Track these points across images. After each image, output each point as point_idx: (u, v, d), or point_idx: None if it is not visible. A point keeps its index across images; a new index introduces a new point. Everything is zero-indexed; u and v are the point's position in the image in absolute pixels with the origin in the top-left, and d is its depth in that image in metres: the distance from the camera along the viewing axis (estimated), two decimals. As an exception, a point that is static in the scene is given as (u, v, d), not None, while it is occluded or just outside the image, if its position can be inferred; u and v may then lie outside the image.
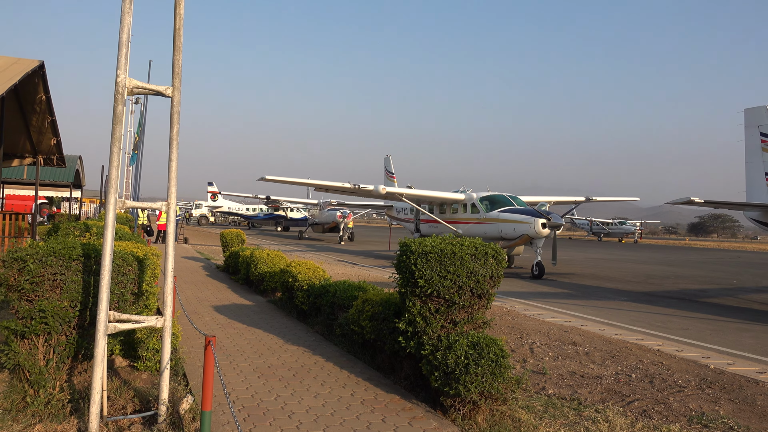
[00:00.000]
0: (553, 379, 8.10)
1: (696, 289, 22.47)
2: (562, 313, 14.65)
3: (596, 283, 23.38)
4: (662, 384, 8.00)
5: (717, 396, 7.54)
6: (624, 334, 11.86)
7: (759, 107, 18.84)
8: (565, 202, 33.67)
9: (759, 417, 6.78)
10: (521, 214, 24.49)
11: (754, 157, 18.81)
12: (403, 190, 28.85)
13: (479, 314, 6.80)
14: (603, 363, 9.07)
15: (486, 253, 6.66)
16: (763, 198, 18.17)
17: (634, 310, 16.00)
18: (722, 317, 15.37)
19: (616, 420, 6.37)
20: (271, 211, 68.89)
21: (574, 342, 10.50)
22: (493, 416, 6.13)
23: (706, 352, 10.61)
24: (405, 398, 6.74)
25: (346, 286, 10.28)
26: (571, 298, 18.20)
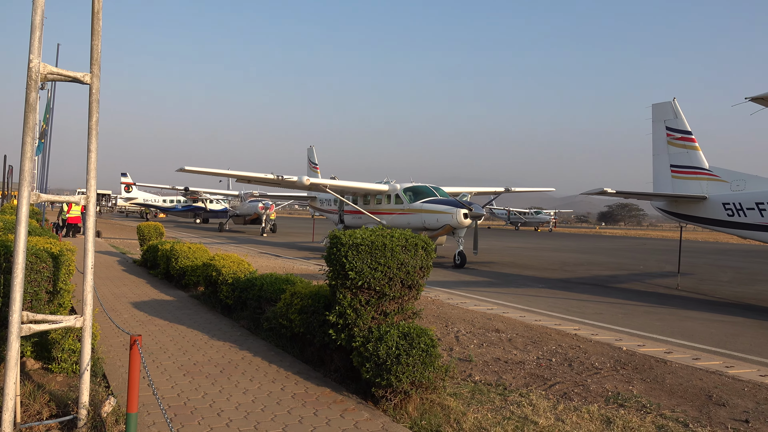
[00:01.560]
0: (479, 365, 8.32)
1: (607, 275, 23.67)
2: (484, 301, 15.06)
3: (515, 271, 24.17)
4: (580, 367, 8.38)
5: (630, 376, 7.98)
6: (543, 320, 12.33)
7: (665, 103, 19.99)
8: (485, 192, 34.55)
9: (668, 394, 7.24)
10: (444, 205, 24.93)
11: (660, 150, 19.95)
12: (327, 181, 28.72)
13: (409, 305, 6.89)
14: (525, 349, 9.40)
15: (416, 245, 6.74)
16: (669, 188, 19.34)
17: (552, 296, 16.67)
18: (632, 301, 16.27)
19: (539, 403, 6.63)
20: (190, 202, 66.86)
21: (498, 329, 10.82)
22: (423, 405, 6.24)
23: (618, 334, 11.21)
24: (336, 391, 6.74)
25: (273, 279, 10.13)
26: (492, 286, 18.73)
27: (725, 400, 7.05)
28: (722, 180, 17.88)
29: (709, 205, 17.57)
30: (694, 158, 18.91)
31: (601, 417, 6.24)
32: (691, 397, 7.14)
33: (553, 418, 6.14)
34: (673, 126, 19.71)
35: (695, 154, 18.95)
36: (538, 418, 6.12)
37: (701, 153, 18.95)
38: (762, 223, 15.88)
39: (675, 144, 19.54)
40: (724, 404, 6.88)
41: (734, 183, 17.51)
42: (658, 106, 20.27)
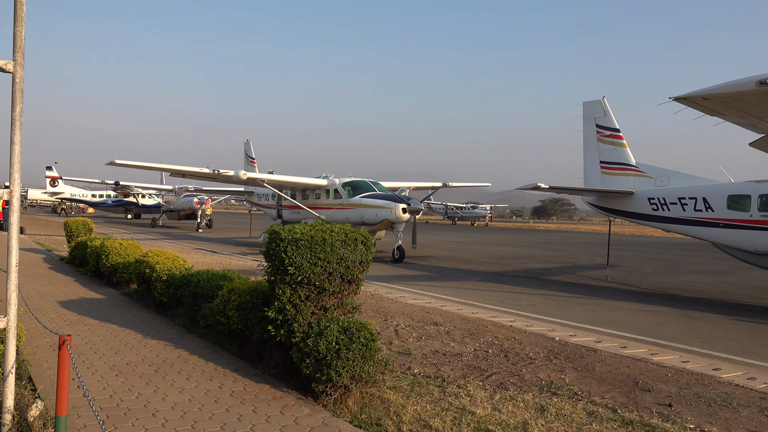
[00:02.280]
0: (417, 358, 8.42)
1: (541, 268, 24.38)
2: (423, 294, 15.24)
3: (453, 264, 24.56)
4: (516, 357, 8.61)
5: (563, 365, 8.26)
6: (480, 313, 12.59)
7: (595, 101, 20.72)
8: (423, 187, 34.90)
9: (598, 382, 7.54)
10: (383, 200, 25.04)
11: (590, 146, 20.68)
12: (265, 176, 28.33)
13: (349, 299, 6.90)
14: (463, 341, 9.58)
15: (356, 239, 6.75)
16: (598, 184, 20.08)
17: (488, 289, 17.04)
18: (564, 293, 16.82)
19: (476, 394, 6.77)
20: (121, 197, 64.54)
21: (436, 322, 10.98)
22: (363, 399, 6.27)
23: (551, 325, 11.57)
24: (276, 387, 6.68)
25: (209, 275, 9.93)
26: (430, 280, 18.97)
27: (650, 385, 7.39)
28: (648, 176, 18.71)
29: (635, 200, 18.34)
30: (622, 155, 19.69)
31: (536, 405, 6.44)
32: (620, 384, 7.45)
33: (490, 408, 6.29)
34: (602, 123, 20.45)
35: (623, 150, 19.74)
36: (475, 408, 6.25)
37: (629, 150, 19.75)
38: (683, 217, 16.71)
39: (604, 141, 20.29)
40: (650, 389, 7.22)
41: (659, 179, 18.35)
42: (589, 104, 20.99)
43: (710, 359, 9.23)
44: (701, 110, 9.12)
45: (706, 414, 6.40)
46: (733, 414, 6.43)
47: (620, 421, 6.05)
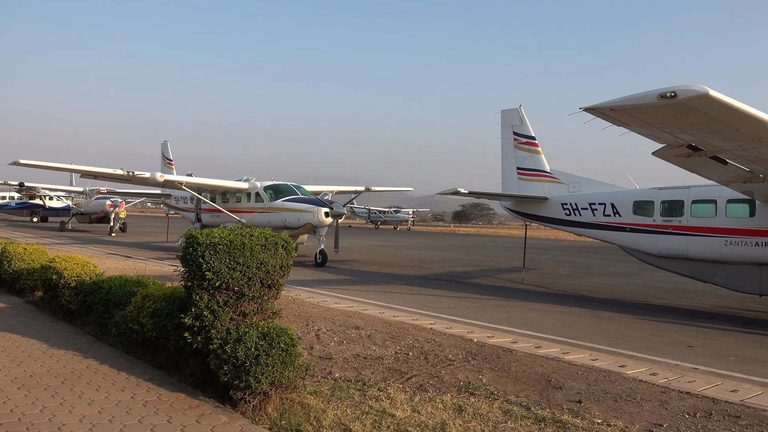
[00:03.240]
0: (339, 362, 8.41)
1: (461, 271, 24.92)
2: (345, 298, 15.24)
3: (375, 268, 24.70)
4: (435, 359, 8.76)
5: (480, 366, 8.48)
6: (401, 316, 12.73)
7: (513, 109, 21.42)
8: (346, 191, 34.93)
9: (514, 381, 7.78)
10: (305, 204, 24.88)
11: (508, 153, 21.36)
12: (183, 178, 27.51)
13: (269, 305, 6.81)
14: (384, 344, 9.65)
15: (276, 244, 6.68)
16: (515, 189, 20.75)
17: (409, 292, 17.24)
18: (482, 295, 17.27)
19: (396, 396, 6.84)
20: (26, 199, 60.86)
21: (357, 326, 11.00)
22: (283, 405, 6.19)
23: (470, 327, 11.85)
24: (192, 396, 6.50)
25: (122, 281, 9.53)
26: (353, 284, 19.00)
27: (562, 383, 7.71)
28: (561, 182, 19.51)
29: (549, 205, 19.09)
30: (537, 162, 20.45)
31: (454, 406, 6.58)
32: (533, 383, 7.73)
33: (409, 410, 6.36)
34: (519, 131, 21.17)
35: (538, 157, 20.50)
36: (395, 410, 6.31)
37: (543, 157, 20.53)
38: (594, 222, 17.54)
39: (521, 148, 21.01)
40: (561, 387, 7.53)
41: (571, 185, 19.18)
42: (507, 112, 21.68)
43: (617, 357, 9.72)
44: (609, 120, 9.61)
45: (613, 409, 6.74)
46: (636, 408, 6.80)
47: (533, 418, 6.28)
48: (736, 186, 12.81)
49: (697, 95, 8.15)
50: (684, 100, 8.26)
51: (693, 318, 14.40)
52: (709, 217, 14.64)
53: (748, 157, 10.66)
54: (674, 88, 8.21)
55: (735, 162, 11.14)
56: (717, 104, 8.44)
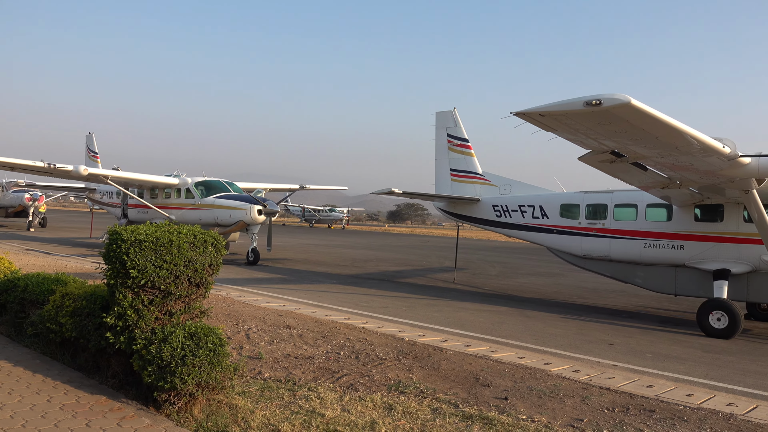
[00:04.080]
0: (269, 362, 8.30)
1: (394, 271, 25.10)
2: (277, 297, 15.07)
3: (309, 267, 24.54)
4: (366, 358, 8.78)
5: (411, 365, 8.56)
6: (334, 315, 12.70)
7: (447, 111, 21.74)
8: (280, 189, 34.53)
9: (443, 379, 7.90)
10: (237, 201, 24.45)
11: (442, 155, 21.66)
12: (109, 172, 26.48)
13: (197, 303, 6.64)
14: (315, 343, 9.60)
15: (205, 241, 6.52)
16: (448, 190, 21.06)
17: (342, 291, 17.23)
18: (415, 295, 17.46)
19: (327, 396, 6.82)
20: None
21: (289, 325, 10.90)
22: (210, 406, 6.06)
23: (402, 326, 11.95)
24: (113, 398, 6.26)
25: (40, 279, 9.07)
26: (285, 282, 18.81)
27: (490, 381, 7.88)
28: (492, 184, 19.95)
29: (481, 207, 19.48)
30: (470, 164, 20.83)
31: (384, 404, 6.61)
32: (462, 381, 7.87)
33: (339, 409, 6.35)
34: (453, 133, 21.50)
35: (471, 159, 20.89)
36: (325, 410, 6.29)
37: (476, 159, 20.94)
38: (523, 224, 18.03)
39: (454, 150, 21.35)
40: (489, 385, 7.70)
41: (502, 187, 19.63)
42: (441, 114, 21.98)
43: (542, 354, 10.04)
44: (538, 125, 9.90)
45: (537, 405, 6.95)
46: (559, 404, 7.03)
47: (461, 415, 6.39)
48: (655, 191, 13.46)
49: (619, 104, 8.51)
50: (608, 108, 8.61)
51: (614, 317, 15.03)
52: (630, 221, 15.31)
53: (666, 164, 11.22)
54: (599, 96, 8.54)
55: (654, 168, 11.70)
56: (638, 113, 8.84)
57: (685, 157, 10.63)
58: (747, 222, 13.28)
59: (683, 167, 11.25)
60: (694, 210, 14.27)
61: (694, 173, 11.54)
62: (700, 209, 14.22)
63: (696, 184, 12.41)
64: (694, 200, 13.87)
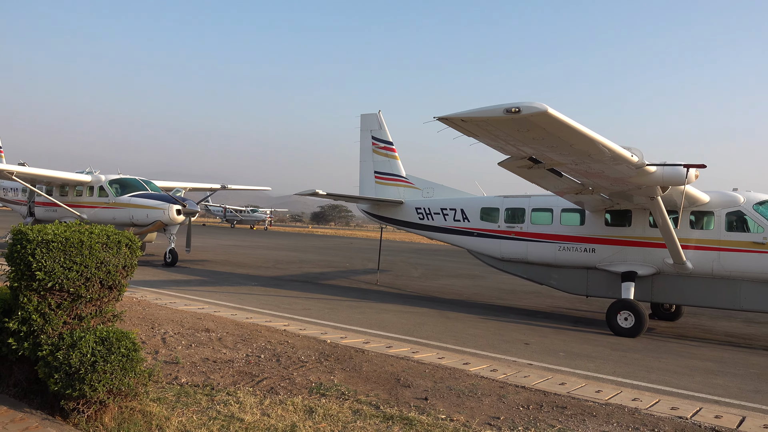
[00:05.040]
0: (186, 367, 8.06)
1: (317, 273, 24.96)
2: (196, 300, 14.67)
3: (229, 269, 24.03)
4: (288, 361, 8.69)
5: (333, 367, 8.54)
6: (254, 318, 12.49)
7: (372, 114, 21.84)
8: (201, 188, 33.60)
9: (364, 381, 7.93)
10: (155, 200, 23.61)
11: (366, 157, 21.74)
12: (14, 167, 24.92)
13: (110, 307, 6.36)
14: (235, 347, 9.40)
15: (119, 242, 6.25)
16: (372, 193, 21.17)
17: (264, 294, 16.97)
18: (338, 297, 17.43)
19: (246, 400, 6.69)
20: None
21: (208, 328, 10.62)
22: (122, 414, 5.82)
23: (324, 328, 11.90)
24: (15, 408, 5.90)
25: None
26: (205, 284, 18.33)
27: (410, 381, 7.98)
28: (416, 187, 20.22)
29: (404, 209, 19.70)
30: (394, 166, 21.02)
31: (305, 407, 6.56)
32: (383, 382, 7.92)
33: (259, 413, 6.26)
34: (377, 136, 21.64)
35: (395, 162, 21.09)
36: (244, 414, 6.17)
37: (400, 162, 21.16)
38: (445, 226, 18.37)
39: (379, 152, 21.48)
40: (409, 385, 7.79)
41: (425, 190, 19.93)
42: (366, 116, 22.07)
43: (462, 355, 10.26)
44: (460, 130, 10.14)
45: (456, 404, 7.09)
46: (477, 403, 7.21)
47: (382, 416, 6.44)
48: (570, 197, 14.05)
49: (537, 112, 8.84)
50: (526, 115, 8.92)
51: (530, 317, 15.57)
52: (546, 225, 15.91)
53: (580, 171, 11.74)
54: (518, 104, 8.84)
55: (569, 175, 12.22)
56: (554, 121, 9.21)
57: (597, 165, 11.16)
58: (652, 227, 14.08)
59: (595, 174, 11.80)
60: (605, 215, 14.99)
61: (605, 180, 12.13)
62: (611, 214, 14.95)
63: (607, 190, 13.05)
64: (605, 206, 14.58)
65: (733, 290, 13.37)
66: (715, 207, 13.62)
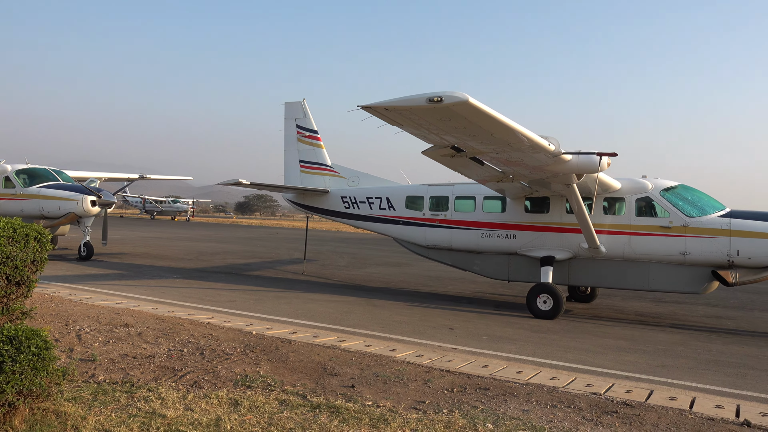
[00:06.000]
0: (104, 364, 7.76)
1: (242, 264, 24.54)
2: (113, 295, 14.12)
3: (150, 262, 23.25)
4: (212, 354, 8.52)
5: (258, 358, 8.44)
6: (177, 311, 12.16)
7: (296, 102, 21.59)
8: (117, 179, 32.26)
9: (291, 371, 7.89)
10: (67, 191, 22.48)
11: (291, 146, 21.49)
12: None
13: (18, 304, 6.03)
14: (156, 342, 9.13)
15: (27, 235, 5.92)
16: (298, 182, 20.97)
17: (187, 286, 16.54)
18: (263, 287, 17.21)
19: (168, 395, 6.52)
20: None
21: (127, 324, 10.26)
22: (34, 415, 5.54)
23: (250, 320, 11.74)
24: None
25: None
26: (123, 278, 17.67)
27: (337, 369, 8.00)
28: (341, 176, 20.19)
29: (330, 198, 19.64)
30: (319, 155, 20.90)
31: (230, 400, 6.46)
32: (310, 371, 7.91)
33: (182, 409, 6.11)
34: (302, 124, 21.43)
35: (320, 151, 20.97)
36: (166, 410, 6.01)
37: (325, 151, 21.05)
38: (371, 215, 18.46)
39: (304, 141, 21.29)
40: (336, 374, 7.82)
41: (351, 179, 19.94)
42: (290, 104, 21.80)
43: (388, 342, 10.38)
44: (384, 119, 10.19)
45: (382, 390, 7.18)
46: (403, 388, 7.32)
47: (309, 406, 6.43)
48: (491, 185, 14.42)
49: (458, 101, 9.00)
50: (448, 105, 9.07)
51: (455, 303, 15.92)
52: (469, 212, 16.28)
53: (501, 159, 12.07)
54: (440, 93, 8.97)
55: (490, 163, 12.54)
56: (475, 111, 9.41)
57: (516, 153, 11.50)
58: (569, 213, 14.67)
59: (515, 162, 12.16)
60: (525, 202, 15.49)
61: (525, 168, 12.53)
62: (530, 201, 15.47)
63: (526, 178, 13.48)
64: (525, 193, 15.06)
65: (643, 272, 14.15)
66: (626, 193, 14.34)
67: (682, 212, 13.65)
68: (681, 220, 13.59)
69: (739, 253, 13.03)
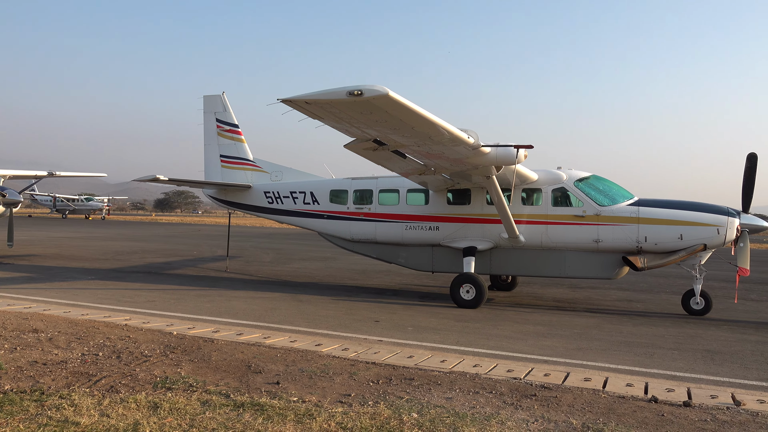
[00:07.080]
0: (10, 373, 7.32)
1: (162, 263, 23.75)
2: (21, 299, 13.35)
3: (61, 263, 22.13)
4: (129, 357, 8.20)
5: (179, 359, 8.20)
6: (91, 314, 11.64)
7: (216, 95, 21.02)
8: (23, 176, 30.39)
9: (214, 370, 7.71)
10: (-33, 190, 21.04)
11: (211, 140, 20.93)
12: None
13: None
14: (68, 346, 8.70)
15: None
16: (219, 177, 20.46)
17: (102, 288, 15.86)
18: (184, 286, 16.73)
19: (82, 402, 6.22)
20: None
21: (36, 329, 9.72)
22: (-69, 431, 5.16)
23: (170, 320, 11.39)
24: None
25: None
26: (32, 281, 16.73)
27: (262, 367, 7.89)
28: (264, 171, 19.86)
29: (253, 194, 19.30)
30: (240, 150, 20.47)
31: (149, 404, 6.24)
32: (234, 370, 7.76)
33: (97, 415, 5.85)
34: (222, 118, 20.91)
35: (241, 146, 20.54)
36: (80, 417, 5.74)
37: (246, 145, 20.64)
38: (295, 210, 18.28)
39: (224, 135, 20.79)
40: (261, 371, 7.70)
41: (274, 174, 19.65)
42: (209, 98, 21.22)
43: (314, 336, 10.33)
44: (305, 113, 10.08)
45: (308, 386, 7.14)
46: (329, 382, 7.30)
47: (232, 405, 6.30)
48: (414, 178, 14.59)
49: (379, 95, 9.03)
50: (368, 98, 9.08)
51: (380, 295, 16.04)
52: (393, 205, 16.41)
53: (422, 152, 12.22)
54: (360, 87, 8.97)
55: (412, 156, 12.67)
56: (395, 104, 9.47)
57: (437, 146, 11.68)
58: (489, 204, 15.05)
59: (436, 155, 12.35)
60: (447, 194, 15.77)
61: (446, 161, 12.74)
62: (452, 193, 15.76)
63: (448, 170, 13.72)
64: (447, 185, 15.33)
65: (560, 260, 14.72)
66: (543, 184, 14.86)
67: (595, 201, 14.29)
68: (593, 209, 14.22)
69: (647, 240, 13.79)
